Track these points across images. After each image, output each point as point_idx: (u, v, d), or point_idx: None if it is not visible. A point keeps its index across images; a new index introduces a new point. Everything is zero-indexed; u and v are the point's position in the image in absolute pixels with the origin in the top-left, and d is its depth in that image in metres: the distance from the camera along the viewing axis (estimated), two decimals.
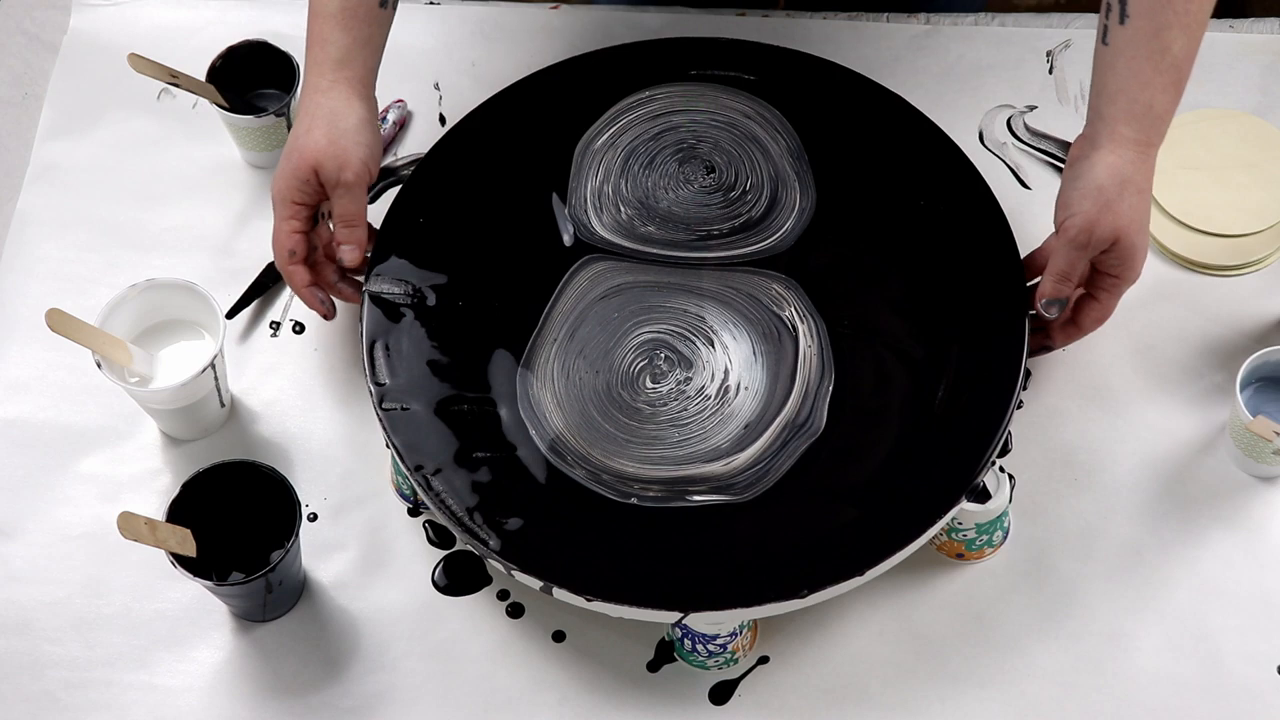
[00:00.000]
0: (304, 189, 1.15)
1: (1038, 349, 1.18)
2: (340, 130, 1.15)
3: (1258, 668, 1.12)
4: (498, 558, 1.09)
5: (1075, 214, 1.10)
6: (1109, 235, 1.10)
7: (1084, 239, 1.10)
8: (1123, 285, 1.14)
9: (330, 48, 1.16)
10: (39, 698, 1.13)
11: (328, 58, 1.16)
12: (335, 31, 1.16)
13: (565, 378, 1.15)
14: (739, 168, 1.23)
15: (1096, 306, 1.15)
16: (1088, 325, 1.15)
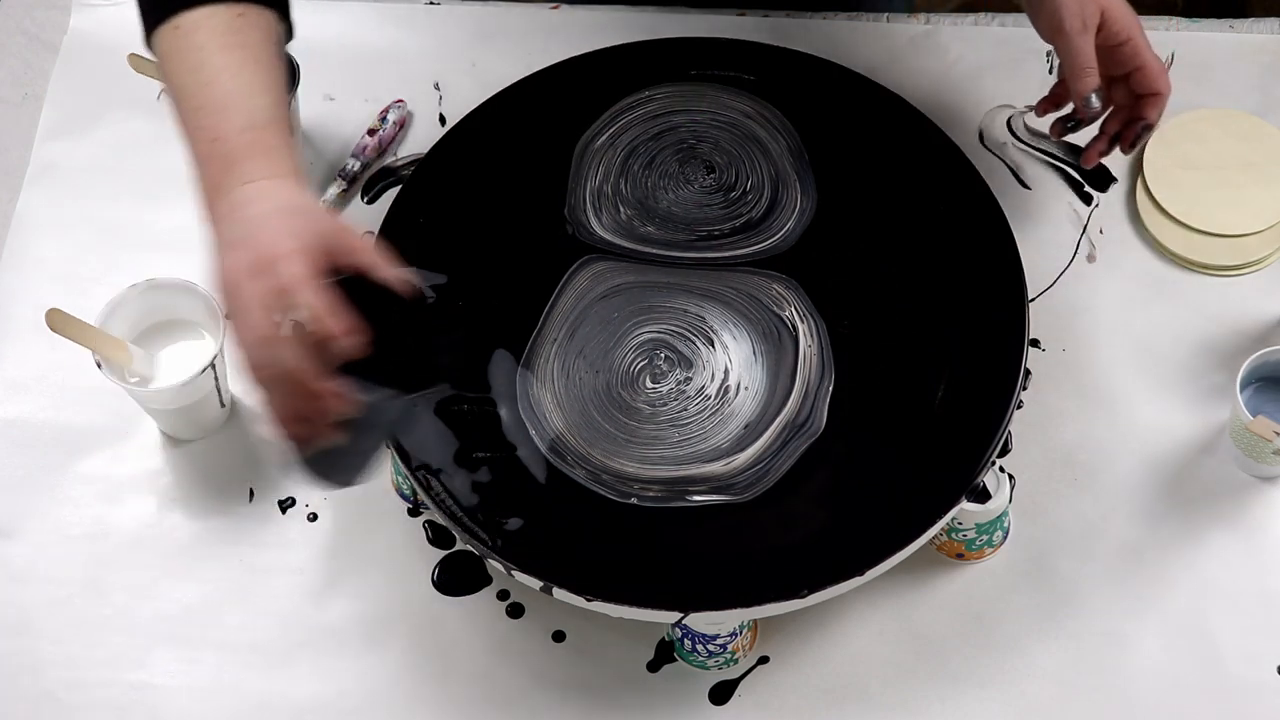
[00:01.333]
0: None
1: (1137, 137, 1.21)
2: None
3: (1258, 668, 1.12)
4: (498, 558, 1.09)
5: (1060, 8, 1.16)
6: (1095, 10, 1.17)
7: (1079, 24, 1.16)
8: (1141, 43, 1.19)
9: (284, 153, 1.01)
10: (39, 698, 1.13)
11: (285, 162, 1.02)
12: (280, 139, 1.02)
13: (565, 378, 1.15)
14: (739, 168, 1.23)
15: (1147, 71, 1.19)
16: (1159, 83, 1.19)
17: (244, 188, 1.00)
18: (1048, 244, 1.27)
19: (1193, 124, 1.31)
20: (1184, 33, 1.36)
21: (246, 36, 1.04)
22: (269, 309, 0.96)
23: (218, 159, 1.01)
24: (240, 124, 1.02)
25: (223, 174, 1.01)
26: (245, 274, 0.97)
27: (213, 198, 1.01)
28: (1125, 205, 1.29)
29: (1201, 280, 1.26)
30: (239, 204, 1.00)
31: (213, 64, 1.03)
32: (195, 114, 1.02)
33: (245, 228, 0.99)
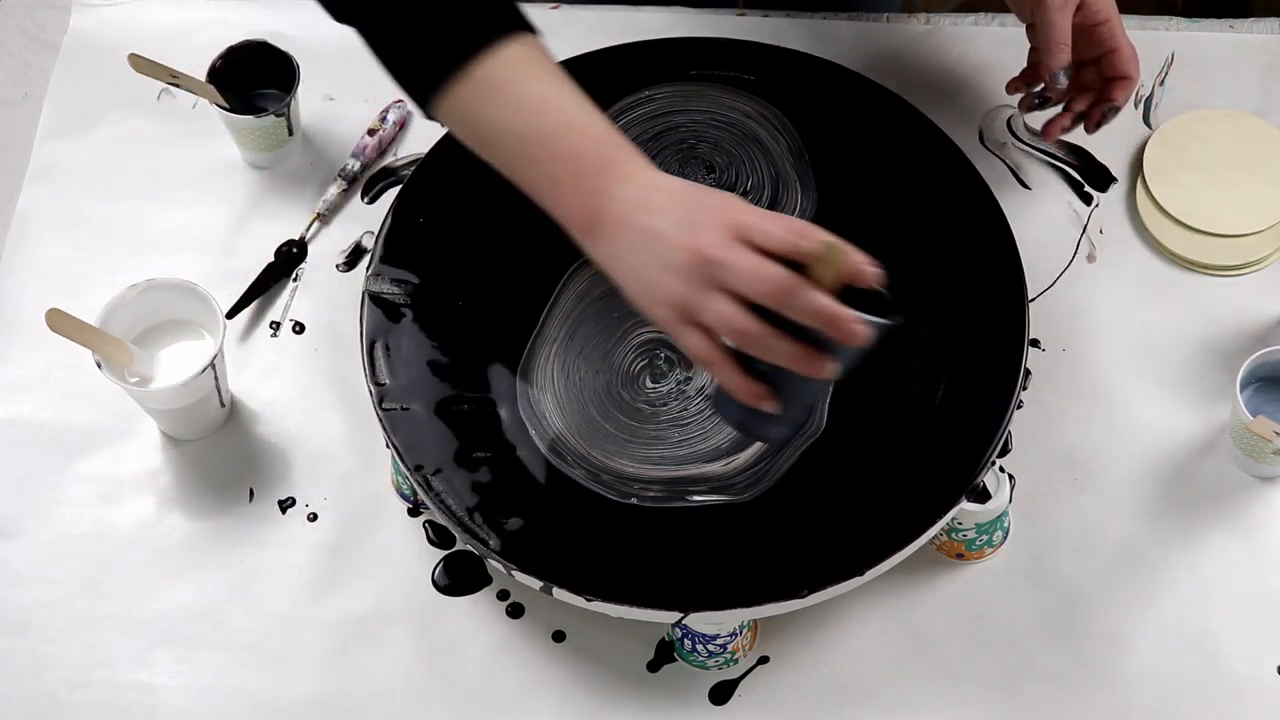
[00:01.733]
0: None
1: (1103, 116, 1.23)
2: None
3: (1258, 668, 1.12)
4: (498, 558, 1.09)
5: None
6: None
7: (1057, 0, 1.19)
8: (1117, 26, 1.21)
9: (620, 135, 1.02)
10: (39, 698, 1.13)
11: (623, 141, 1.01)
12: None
13: (565, 378, 1.15)
14: (739, 168, 1.23)
15: (1120, 53, 1.22)
16: (1130, 68, 1.22)
17: (627, 184, 0.99)
18: (1048, 244, 1.27)
19: (1193, 124, 1.31)
20: (1184, 33, 1.36)
21: (540, 62, 1.03)
22: (763, 261, 0.95)
23: (590, 173, 1.00)
24: (594, 135, 1.01)
25: (597, 184, 1.00)
26: (723, 237, 0.96)
27: (597, 208, 1.00)
28: (1125, 205, 1.29)
29: (1201, 280, 1.26)
30: (638, 195, 0.99)
31: (534, 94, 1.01)
32: (540, 145, 1.01)
33: (683, 208, 0.98)
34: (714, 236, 0.96)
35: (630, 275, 0.99)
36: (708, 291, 0.96)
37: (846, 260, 0.95)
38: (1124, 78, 1.22)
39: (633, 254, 0.99)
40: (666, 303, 0.97)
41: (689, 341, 0.97)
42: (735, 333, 0.95)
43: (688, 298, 0.96)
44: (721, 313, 0.95)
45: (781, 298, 0.94)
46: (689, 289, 0.96)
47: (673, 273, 0.97)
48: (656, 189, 0.99)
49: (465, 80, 1.01)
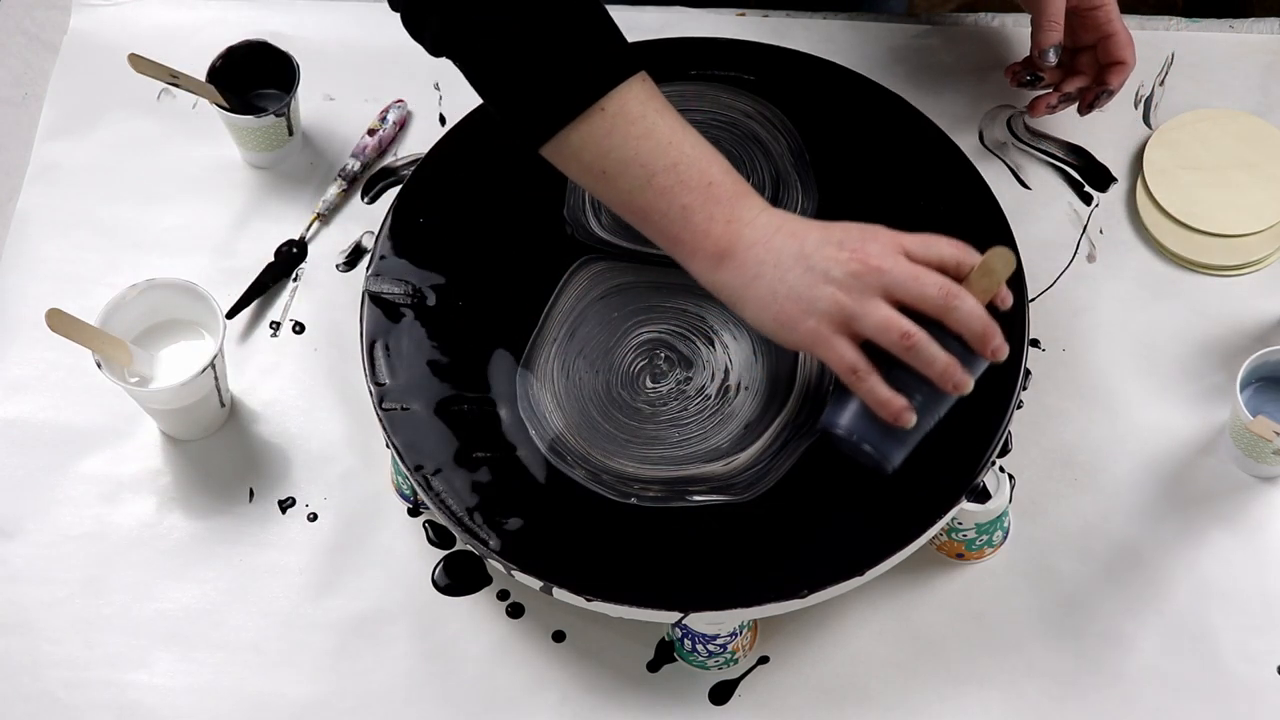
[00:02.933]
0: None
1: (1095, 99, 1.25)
2: None
3: (1258, 668, 1.12)
4: (498, 558, 1.09)
5: None
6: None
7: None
8: (1112, 8, 1.23)
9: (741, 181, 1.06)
10: (39, 698, 1.13)
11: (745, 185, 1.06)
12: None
13: (565, 378, 1.15)
14: (740, 167, 1.23)
15: (1115, 38, 1.23)
16: (1125, 53, 1.24)
17: (763, 213, 1.04)
18: (1048, 244, 1.27)
19: (1193, 124, 1.31)
20: (1184, 33, 1.36)
21: (659, 99, 1.06)
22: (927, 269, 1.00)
23: (725, 198, 1.04)
24: (724, 166, 1.05)
25: (733, 208, 1.04)
26: (884, 249, 1.00)
27: (735, 231, 1.03)
28: (1125, 205, 1.29)
29: (1201, 280, 1.26)
30: (778, 220, 1.03)
31: (662, 127, 1.04)
32: (670, 174, 1.04)
33: (826, 231, 1.02)
34: (874, 246, 1.00)
35: (771, 294, 1.02)
36: (871, 299, 0.99)
37: (1010, 268, 0.99)
38: (1119, 63, 1.24)
39: (779, 274, 1.02)
40: (824, 313, 1.00)
41: (840, 351, 1.00)
42: (902, 335, 0.99)
43: (849, 306, 0.99)
44: (886, 317, 0.99)
45: (948, 300, 0.98)
46: (850, 297, 0.99)
47: (832, 283, 1.00)
48: (790, 218, 1.04)
49: (594, 114, 1.04)
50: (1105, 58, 1.24)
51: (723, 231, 1.04)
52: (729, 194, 1.04)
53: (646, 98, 1.05)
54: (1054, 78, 1.27)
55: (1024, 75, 1.27)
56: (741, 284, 1.03)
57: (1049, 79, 1.27)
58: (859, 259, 1.00)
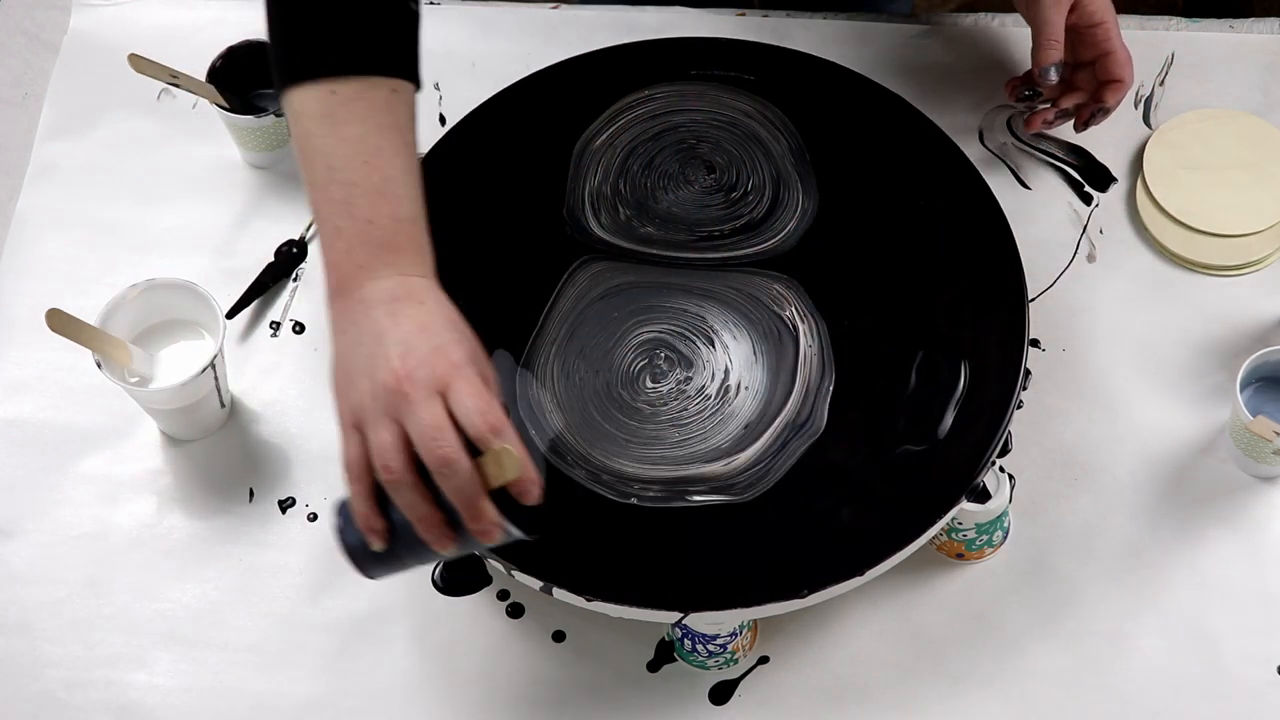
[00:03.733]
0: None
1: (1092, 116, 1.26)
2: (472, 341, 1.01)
3: (1258, 668, 1.12)
4: (498, 558, 1.09)
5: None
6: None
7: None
8: (1113, 29, 1.24)
9: (429, 254, 1.02)
10: (39, 698, 1.13)
11: (428, 263, 1.02)
12: (426, 237, 1.02)
13: (565, 378, 1.15)
14: (740, 168, 1.23)
15: (1114, 56, 1.24)
16: (1123, 72, 1.24)
17: (396, 278, 1.00)
18: (1048, 244, 1.27)
19: (1193, 124, 1.31)
20: (1184, 33, 1.36)
21: (399, 117, 1.02)
22: (447, 426, 0.95)
23: (372, 243, 1.00)
24: (397, 213, 1.00)
25: (371, 257, 1.00)
26: (430, 382, 0.96)
27: (357, 277, 1.00)
28: (1125, 205, 1.29)
29: (1201, 280, 1.26)
30: (397, 294, 0.99)
31: (372, 143, 1.01)
32: (347, 189, 1.00)
33: (421, 334, 0.98)
34: (423, 376, 0.96)
35: (342, 356, 0.99)
36: (385, 417, 0.96)
37: (516, 474, 0.95)
38: (1116, 81, 1.24)
39: (355, 342, 0.98)
40: (351, 403, 0.98)
41: (348, 446, 0.98)
42: (382, 466, 0.96)
43: (368, 412, 0.97)
44: (384, 442, 0.96)
45: (442, 467, 0.95)
46: (373, 404, 0.96)
47: (371, 382, 0.97)
48: (412, 299, 0.99)
49: (330, 88, 1.01)
50: (1103, 75, 1.24)
51: (350, 273, 1.00)
52: (379, 241, 1.00)
53: (383, 108, 1.01)
54: (1052, 94, 1.27)
55: (1023, 90, 1.28)
56: (336, 327, 1.00)
57: (1047, 95, 1.27)
58: (399, 378, 0.96)
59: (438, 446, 0.94)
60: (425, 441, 0.95)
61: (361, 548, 0.99)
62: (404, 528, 0.98)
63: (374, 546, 0.98)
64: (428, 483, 0.96)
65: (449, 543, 0.97)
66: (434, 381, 0.96)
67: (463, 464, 0.94)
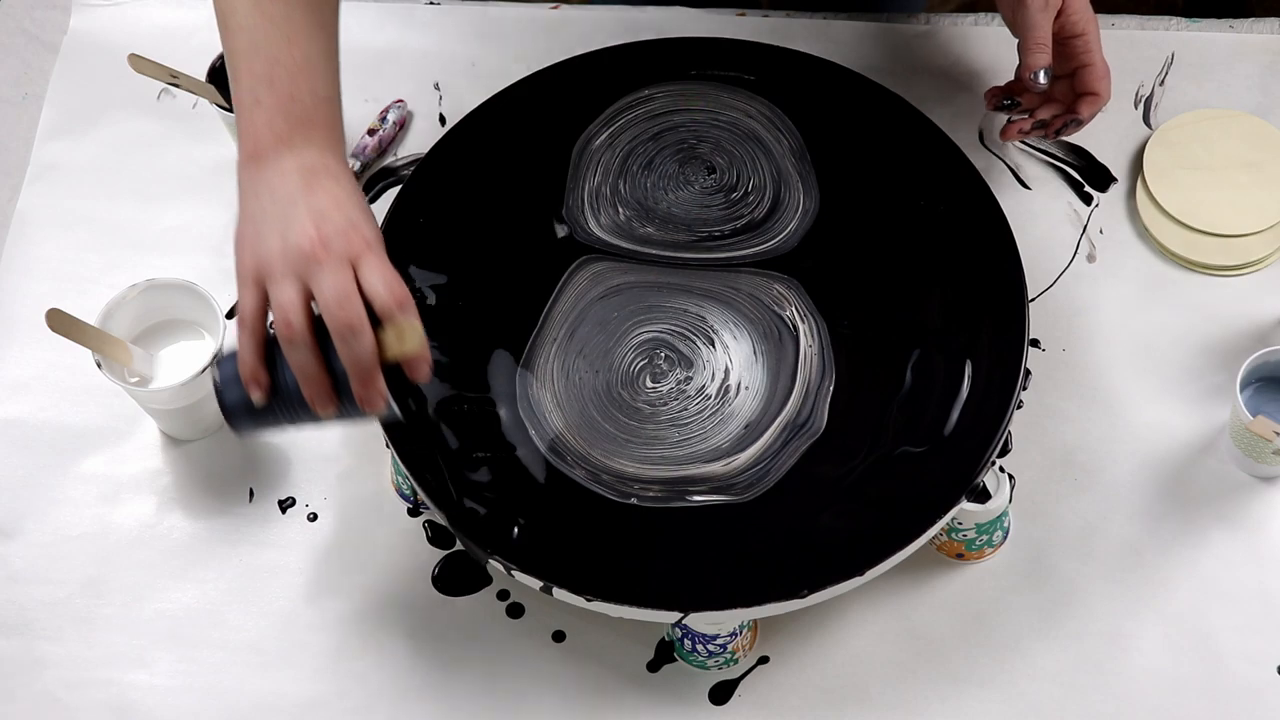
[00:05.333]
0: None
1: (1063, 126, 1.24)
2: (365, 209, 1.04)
3: (1258, 668, 1.12)
4: (498, 558, 1.09)
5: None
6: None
7: (1041, 1, 1.20)
8: (1094, 40, 1.21)
9: (340, 132, 1.05)
10: (39, 698, 1.13)
11: (341, 142, 1.05)
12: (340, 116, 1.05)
13: (565, 377, 1.15)
14: (740, 168, 1.23)
15: (1093, 69, 1.22)
16: (1100, 85, 1.22)
17: (313, 151, 1.02)
18: (1048, 244, 1.27)
19: (1193, 124, 1.31)
20: (1184, 33, 1.36)
21: (322, 5, 1.05)
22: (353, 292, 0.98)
23: (293, 117, 1.03)
24: (317, 90, 1.04)
25: (291, 130, 1.03)
26: (342, 251, 0.99)
27: (277, 147, 1.02)
28: (1125, 205, 1.29)
29: (1201, 280, 1.26)
30: (314, 167, 1.02)
31: (296, 21, 1.04)
32: (269, 64, 1.03)
33: (333, 204, 1.00)
34: (337, 244, 0.98)
35: (251, 216, 1.01)
36: (292, 275, 0.98)
37: (415, 347, 0.98)
38: (1093, 94, 1.23)
39: (269, 203, 1.01)
40: (257, 258, 1.00)
41: (245, 298, 1.00)
42: (284, 322, 0.98)
43: (275, 268, 0.99)
44: (288, 299, 0.98)
45: (344, 331, 0.97)
46: (282, 262, 0.99)
47: (282, 242, 0.99)
48: (329, 174, 1.02)
49: None
50: (1080, 87, 1.23)
51: (268, 142, 1.02)
52: (298, 115, 1.03)
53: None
54: (1031, 103, 1.26)
55: (1002, 100, 1.27)
56: (247, 190, 1.02)
57: (1027, 104, 1.26)
58: (314, 240, 0.98)
59: (344, 311, 0.97)
60: (332, 305, 0.97)
61: (239, 404, 1.01)
62: (286, 388, 1.00)
63: (255, 400, 1.00)
64: (321, 347, 0.98)
65: (331, 407, 0.99)
66: (346, 251, 0.98)
67: (366, 330, 0.97)
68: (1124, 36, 1.34)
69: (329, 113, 1.04)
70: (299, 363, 0.99)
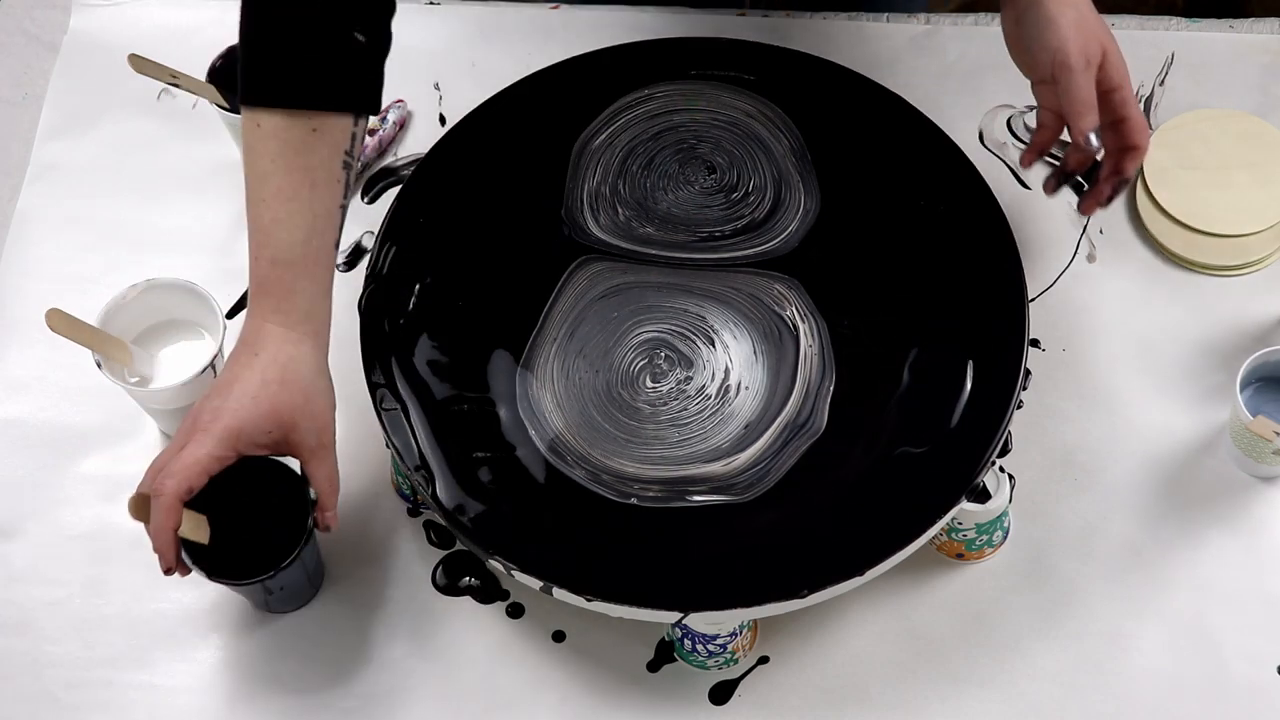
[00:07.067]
0: (265, 439, 1.06)
1: (1114, 190, 1.18)
2: (318, 390, 1.08)
3: (1258, 668, 1.12)
4: (498, 558, 1.09)
5: (1065, 44, 1.13)
6: (1098, 50, 1.14)
7: (1083, 61, 1.13)
8: (1129, 93, 1.16)
9: (299, 298, 1.07)
10: (39, 698, 1.13)
11: (295, 308, 1.07)
12: (302, 281, 1.07)
13: (565, 377, 1.15)
14: (741, 168, 1.23)
15: (1131, 122, 1.16)
16: (1141, 138, 1.16)
17: (254, 321, 1.07)
18: (1048, 244, 1.27)
19: (1193, 124, 1.31)
20: (1184, 33, 1.36)
21: (312, 158, 1.06)
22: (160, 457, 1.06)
23: (254, 279, 1.07)
24: (271, 256, 1.06)
25: (253, 296, 1.07)
26: (190, 418, 1.06)
27: (248, 310, 1.08)
28: (1125, 205, 1.29)
29: (1201, 280, 1.26)
30: (245, 338, 1.07)
31: (273, 184, 1.05)
32: (250, 223, 1.07)
33: (227, 374, 1.06)
34: (187, 424, 1.06)
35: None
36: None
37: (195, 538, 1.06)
38: (1133, 148, 1.17)
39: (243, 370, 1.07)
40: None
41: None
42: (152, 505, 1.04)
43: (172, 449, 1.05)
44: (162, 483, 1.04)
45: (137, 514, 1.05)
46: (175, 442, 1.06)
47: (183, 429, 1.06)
48: (248, 349, 1.06)
49: (253, 121, 1.06)
50: (1120, 142, 1.17)
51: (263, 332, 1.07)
52: (256, 280, 1.07)
53: (295, 149, 1.05)
54: (1081, 164, 1.18)
55: (1060, 178, 1.19)
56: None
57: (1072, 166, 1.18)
58: (181, 441, 1.05)
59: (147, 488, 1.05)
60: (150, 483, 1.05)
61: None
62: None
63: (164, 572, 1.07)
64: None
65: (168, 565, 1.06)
66: (183, 434, 1.05)
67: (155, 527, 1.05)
68: (1124, 37, 1.34)
69: (282, 278, 1.06)
70: (154, 532, 1.05)
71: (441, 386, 1.15)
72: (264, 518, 1.11)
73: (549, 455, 1.12)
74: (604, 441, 1.13)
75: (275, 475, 1.10)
